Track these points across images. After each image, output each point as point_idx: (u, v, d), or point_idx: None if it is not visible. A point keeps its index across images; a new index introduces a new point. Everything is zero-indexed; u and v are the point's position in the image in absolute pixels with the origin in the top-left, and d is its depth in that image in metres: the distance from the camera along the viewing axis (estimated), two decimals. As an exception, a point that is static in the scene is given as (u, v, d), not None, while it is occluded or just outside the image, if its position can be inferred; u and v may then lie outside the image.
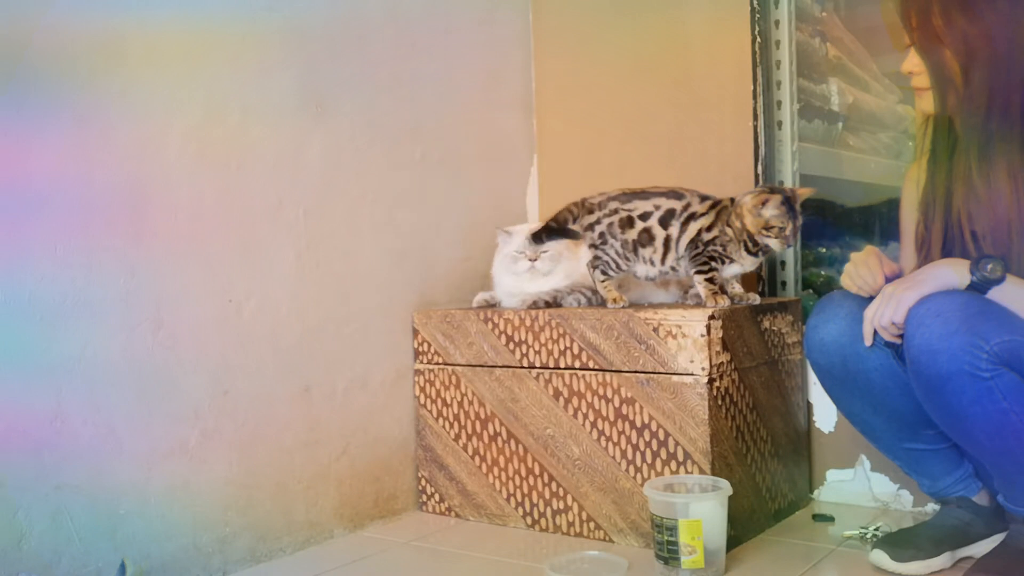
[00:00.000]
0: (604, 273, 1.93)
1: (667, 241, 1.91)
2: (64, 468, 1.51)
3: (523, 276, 2.04)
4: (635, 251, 1.92)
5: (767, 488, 1.91)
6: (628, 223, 1.93)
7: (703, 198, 1.92)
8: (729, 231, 1.86)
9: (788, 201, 1.81)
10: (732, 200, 1.88)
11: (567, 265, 2.05)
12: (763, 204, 1.81)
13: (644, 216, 1.92)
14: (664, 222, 1.91)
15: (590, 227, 1.95)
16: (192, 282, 1.71)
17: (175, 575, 1.66)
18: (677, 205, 1.91)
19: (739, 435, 1.83)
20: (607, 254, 1.93)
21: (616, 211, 1.94)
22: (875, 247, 1.69)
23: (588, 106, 2.47)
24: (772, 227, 1.81)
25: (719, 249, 1.86)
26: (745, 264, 1.88)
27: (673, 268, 1.92)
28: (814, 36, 2.53)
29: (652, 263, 1.92)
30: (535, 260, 2.02)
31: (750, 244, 1.85)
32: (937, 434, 1.62)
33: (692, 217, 1.90)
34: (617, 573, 1.58)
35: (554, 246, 2.02)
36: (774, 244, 1.84)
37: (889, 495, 2.02)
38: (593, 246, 1.95)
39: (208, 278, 1.73)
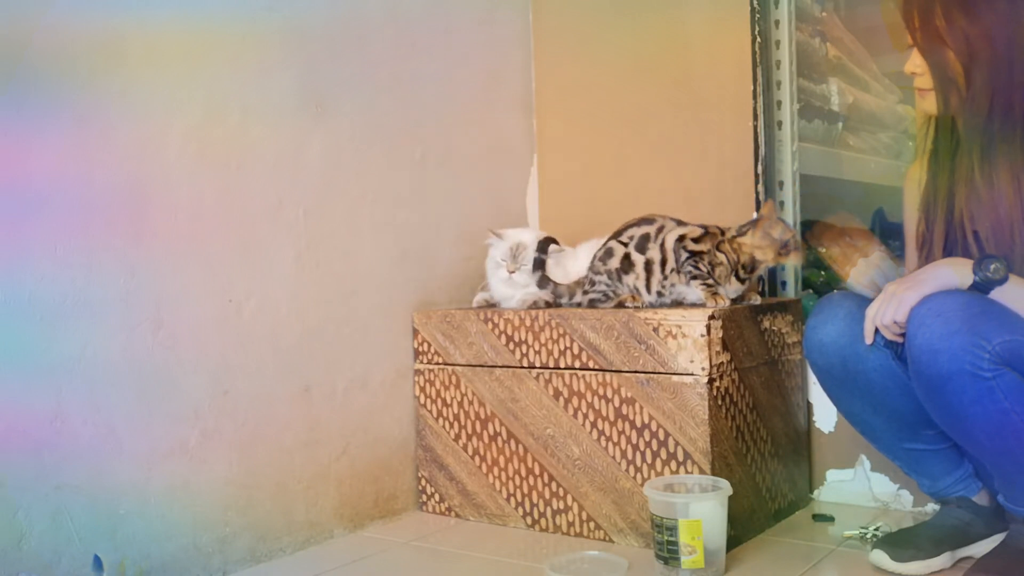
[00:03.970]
0: (602, 303, 1.94)
1: (648, 265, 1.91)
2: (64, 468, 1.51)
3: (505, 283, 2.07)
4: (619, 279, 1.92)
5: (767, 488, 1.91)
6: (608, 253, 1.95)
7: (679, 222, 1.94)
8: (721, 256, 1.86)
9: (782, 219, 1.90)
10: (722, 231, 1.89)
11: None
12: (771, 227, 1.85)
13: (623, 245, 1.94)
14: (641, 247, 1.92)
15: (584, 283, 2.00)
16: (192, 282, 1.70)
17: (175, 575, 1.66)
18: (650, 229, 1.93)
19: (739, 435, 1.83)
20: (596, 291, 1.94)
21: (598, 250, 1.98)
22: (883, 248, 1.71)
23: (588, 106, 2.47)
24: (787, 242, 1.85)
25: (703, 268, 1.86)
26: (729, 292, 1.88)
27: (660, 293, 1.92)
28: (814, 36, 2.53)
29: (638, 291, 1.92)
30: (513, 272, 2.04)
31: (742, 271, 1.87)
32: (937, 434, 1.62)
33: (671, 231, 1.92)
34: (617, 573, 1.58)
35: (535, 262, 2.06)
36: (795, 258, 1.87)
37: (889, 495, 2.02)
38: (585, 292, 1.98)
39: (208, 278, 1.73)
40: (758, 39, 2.17)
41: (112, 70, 1.59)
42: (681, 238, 1.88)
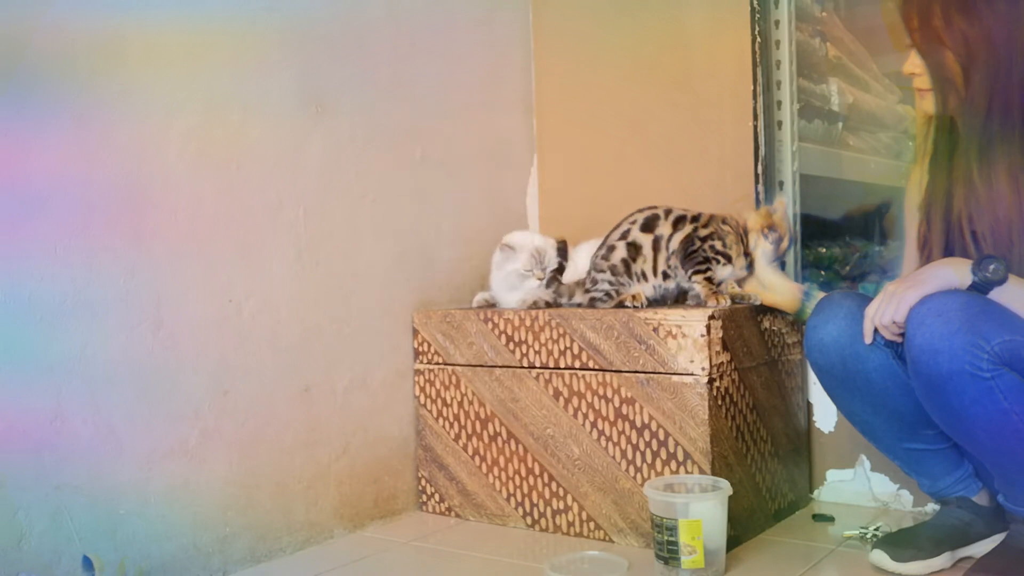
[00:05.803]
0: (603, 302, 1.93)
1: (656, 243, 1.91)
2: (64, 468, 1.51)
3: (531, 293, 2.03)
4: (627, 272, 1.92)
5: (767, 488, 1.91)
6: (610, 250, 1.94)
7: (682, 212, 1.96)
8: (727, 227, 1.89)
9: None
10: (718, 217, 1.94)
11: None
12: (775, 210, 1.91)
13: (624, 235, 1.93)
14: (648, 226, 1.92)
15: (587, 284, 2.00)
16: (192, 282, 1.70)
17: (175, 575, 1.66)
18: (659, 210, 1.94)
19: (739, 435, 1.83)
20: (598, 289, 1.94)
21: (599, 248, 1.97)
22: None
23: (588, 106, 2.47)
24: (775, 227, 1.87)
25: (717, 245, 1.86)
26: (737, 267, 1.89)
27: (666, 274, 1.91)
28: (814, 36, 2.53)
29: (645, 276, 1.92)
30: (542, 279, 2.03)
31: (746, 244, 1.90)
32: (937, 434, 1.62)
33: (683, 219, 1.92)
34: (617, 573, 1.58)
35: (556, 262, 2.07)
36: (768, 248, 1.89)
37: (889, 495, 2.02)
38: (586, 291, 1.97)
39: (208, 278, 1.73)
40: (758, 39, 2.17)
41: (112, 70, 1.59)
42: (693, 230, 1.90)
